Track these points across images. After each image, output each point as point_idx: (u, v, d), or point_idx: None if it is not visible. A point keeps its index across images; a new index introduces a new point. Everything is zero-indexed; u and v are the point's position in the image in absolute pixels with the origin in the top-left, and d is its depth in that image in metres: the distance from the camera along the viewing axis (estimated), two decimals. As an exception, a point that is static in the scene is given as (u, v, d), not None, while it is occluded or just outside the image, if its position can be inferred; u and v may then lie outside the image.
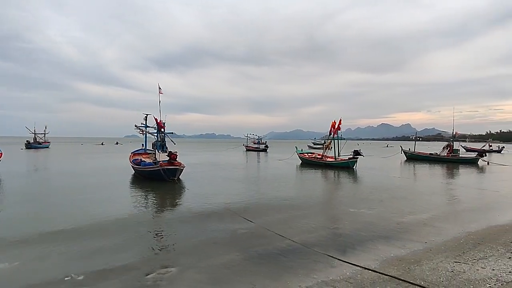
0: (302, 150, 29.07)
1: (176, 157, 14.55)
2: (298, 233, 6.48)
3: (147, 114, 18.05)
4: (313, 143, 76.82)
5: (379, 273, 4.30)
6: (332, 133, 23.38)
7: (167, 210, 9.02)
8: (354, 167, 21.26)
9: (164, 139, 16.38)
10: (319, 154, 25.59)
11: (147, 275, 4.40)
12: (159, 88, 16.68)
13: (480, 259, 4.78)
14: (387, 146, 33.29)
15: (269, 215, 8.15)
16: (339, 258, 4.97)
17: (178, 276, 4.38)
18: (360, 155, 21.95)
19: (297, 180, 16.69)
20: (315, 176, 18.17)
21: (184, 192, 11.92)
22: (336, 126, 23.19)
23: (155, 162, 14.87)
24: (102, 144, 74.99)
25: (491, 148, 50.61)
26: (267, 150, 47.66)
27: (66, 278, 4.30)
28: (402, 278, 4.04)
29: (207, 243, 5.88)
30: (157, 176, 13.98)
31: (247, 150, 50.63)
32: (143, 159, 16.66)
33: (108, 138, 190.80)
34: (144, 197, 10.75)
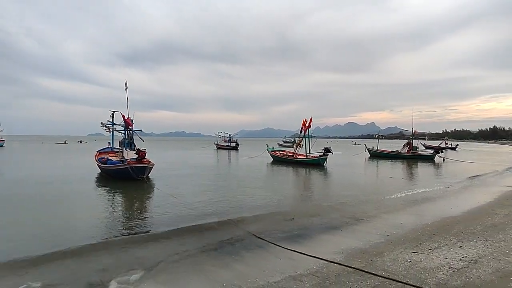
0: (273, 148, 29.43)
1: (145, 155, 14.20)
2: (266, 229, 6.58)
3: (113, 111, 17.36)
4: (283, 141, 77.95)
5: (344, 265, 4.48)
6: (303, 131, 23.91)
7: (136, 211, 8.75)
8: (324, 164, 21.94)
9: (132, 137, 15.86)
10: (290, 152, 26.06)
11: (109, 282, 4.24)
12: (126, 84, 16.07)
13: (435, 248, 5.15)
14: (354, 144, 34.77)
15: (239, 212, 8.21)
16: (306, 253, 5.11)
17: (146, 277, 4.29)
18: (330, 152, 22.70)
19: (268, 177, 16.90)
20: (286, 173, 18.55)
21: (153, 191, 11.62)
22: (307, 125, 23.75)
23: (123, 161, 14.35)
24: (65, 142, 70.75)
25: (447, 145, 54.38)
26: (238, 149, 47.64)
27: None
28: (365, 270, 4.25)
29: (177, 243, 5.79)
30: (125, 175, 13.52)
31: (218, 148, 50.29)
32: (109, 158, 16.00)
33: (72, 136, 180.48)
34: (111, 198, 10.34)
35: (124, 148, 15.37)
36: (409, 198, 10.61)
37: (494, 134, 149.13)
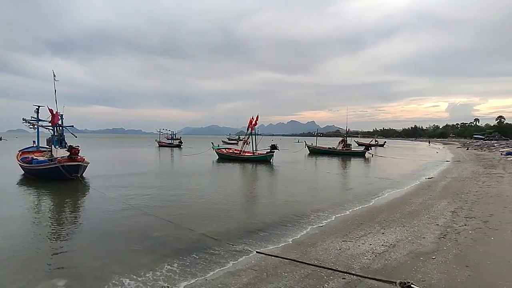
0: (218, 146, 29.37)
1: (78, 152, 13.00)
2: (207, 225, 6.55)
3: (39, 106, 15.45)
4: (228, 138, 78.01)
5: (281, 257, 4.68)
6: (250, 129, 24.25)
7: (70, 213, 7.93)
8: (271, 161, 22.59)
9: (63, 134, 14.36)
10: (236, 150, 26.24)
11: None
12: (54, 75, 14.40)
13: (361, 236, 5.67)
14: (298, 142, 36.44)
15: (180, 210, 8.01)
16: (245, 248, 5.22)
17: None
18: (276, 149, 23.47)
19: (213, 174, 16.76)
20: (233, 170, 18.63)
21: (88, 192, 10.69)
22: (253, 123, 24.13)
23: (51, 159, 12.92)
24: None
25: (377, 142, 59.99)
26: (182, 146, 46.29)
27: None
28: (299, 260, 4.49)
29: (117, 245, 5.42)
30: (55, 175, 12.24)
31: (160, 146, 48.15)
32: (35, 157, 14.26)
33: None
34: (36, 202, 9.21)
35: (53, 146, 13.87)
36: (341, 191, 11.48)
37: (415, 133, 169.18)
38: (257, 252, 5.03)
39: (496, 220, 6.18)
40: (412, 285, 3.43)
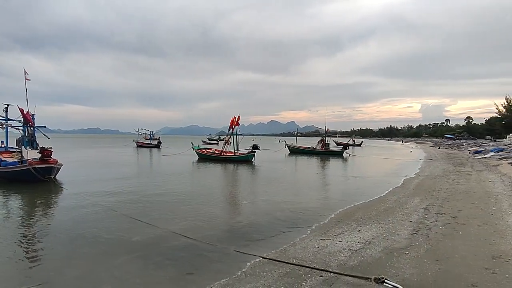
0: (198, 146, 29.09)
1: (51, 154, 12.47)
2: (186, 226, 6.45)
3: (7, 105, 14.72)
4: (208, 138, 77.38)
5: (259, 257, 4.70)
6: (231, 129, 24.15)
7: (41, 217, 7.55)
8: (252, 161, 22.59)
9: (34, 134, 13.73)
10: (217, 150, 26.06)
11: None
12: (25, 73, 13.69)
13: (339, 234, 5.79)
14: (279, 141, 36.74)
15: (164, 214, 7.83)
16: (223, 248, 5.20)
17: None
18: (258, 149, 23.51)
19: (194, 175, 16.62)
20: (214, 170, 18.53)
21: (61, 194, 10.25)
22: (235, 122, 24.04)
23: (22, 161, 12.30)
24: None
25: (354, 142, 61.53)
26: (161, 146, 45.39)
27: None
28: (278, 259, 4.53)
29: (97, 252, 5.22)
30: (25, 177, 11.68)
31: (138, 146, 46.94)
32: (3, 159, 13.53)
33: None
34: (5, 205, 8.73)
35: (23, 147, 13.23)
36: (320, 190, 11.68)
37: (390, 133, 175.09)
38: (235, 251, 5.03)
39: (464, 216, 6.51)
40: (386, 281, 3.55)
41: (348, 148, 35.13)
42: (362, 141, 68.31)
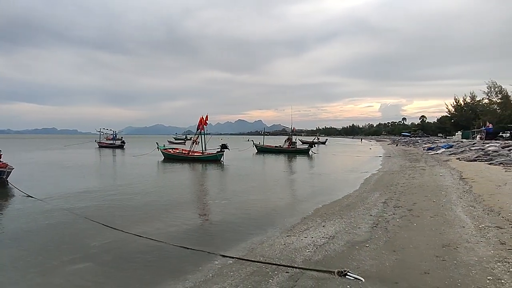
0: (164, 146, 28.33)
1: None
2: (149, 227, 6.25)
3: None
4: (174, 138, 75.61)
5: (227, 256, 4.70)
6: (200, 129, 23.79)
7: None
8: (221, 160, 22.45)
9: None
10: (184, 150, 25.58)
11: None
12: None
13: (304, 230, 5.95)
14: (248, 140, 36.98)
15: (127, 216, 7.50)
16: (189, 248, 5.12)
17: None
18: (227, 148, 23.38)
19: (161, 176, 16.18)
20: (182, 170, 18.18)
21: (12, 199, 9.43)
22: (203, 122, 23.73)
23: None
24: None
25: (319, 140, 63.44)
26: (124, 147, 43.50)
27: None
28: (246, 258, 4.55)
29: (53, 259, 4.86)
30: None
31: (100, 147, 44.55)
32: None
33: None
34: None
35: None
36: (287, 188, 11.92)
37: (353, 131, 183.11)
38: (201, 252, 4.97)
39: (418, 208, 6.99)
40: (348, 273, 3.71)
41: (314, 146, 36.17)
42: (327, 139, 70.62)
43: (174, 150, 26.35)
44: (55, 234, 6.17)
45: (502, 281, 3.37)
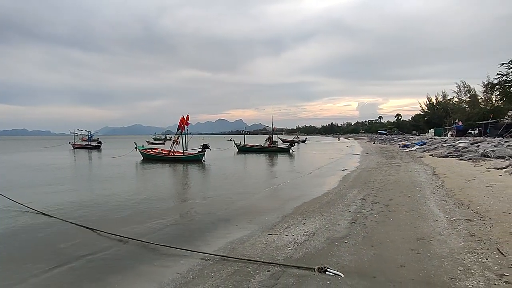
0: (143, 146, 27.73)
1: None
2: (126, 227, 6.08)
3: None
4: (153, 138, 74.13)
5: (209, 254, 4.65)
6: (181, 129, 23.46)
7: None
8: (203, 160, 22.23)
9: None
10: (164, 150, 25.19)
11: None
12: None
13: (285, 228, 5.99)
14: (230, 140, 36.89)
15: (104, 216, 7.30)
16: (168, 249, 5.04)
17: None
18: (208, 148, 23.19)
19: (140, 177, 15.85)
20: (162, 171, 17.89)
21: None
22: (185, 122, 23.41)
23: None
24: None
25: (299, 139, 64.26)
26: (101, 148, 42.13)
27: None
28: (226, 258, 4.53)
29: (21, 263, 4.62)
30: None
31: (75, 148, 42.89)
32: None
33: None
34: None
35: None
36: (268, 186, 11.95)
37: (332, 129, 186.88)
38: (182, 252, 4.90)
39: (395, 204, 7.22)
40: (328, 269, 3.78)
41: (294, 145, 36.55)
42: (306, 138, 71.66)
43: (153, 150, 25.84)
44: (24, 236, 5.88)
45: (472, 271, 3.54)
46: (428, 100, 68.67)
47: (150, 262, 4.70)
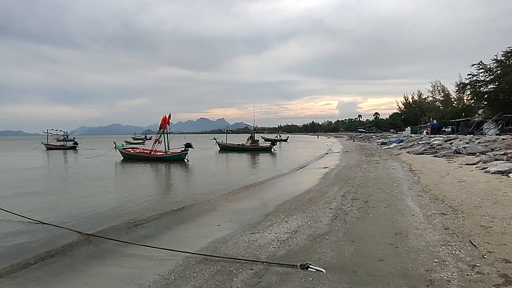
0: (123, 146, 27.19)
1: None
2: (102, 225, 5.93)
3: None
4: (132, 137, 72.53)
5: (191, 253, 4.59)
6: (163, 128, 23.08)
7: None
8: (185, 159, 22.00)
9: None
10: (145, 149, 24.80)
11: None
12: None
13: (268, 227, 6.01)
14: (213, 139, 36.66)
15: (83, 217, 7.01)
16: (149, 249, 4.94)
17: None
18: (191, 147, 22.98)
19: (120, 177, 15.50)
20: (144, 170, 17.58)
21: None
22: (167, 121, 23.07)
23: None
24: None
25: (281, 137, 64.73)
26: (77, 148, 40.69)
27: None
28: (209, 254, 4.49)
29: None
30: None
31: (49, 149, 41.15)
32: None
33: None
34: None
35: None
36: (252, 186, 11.98)
37: (313, 128, 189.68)
38: (163, 252, 4.81)
39: (374, 200, 7.41)
40: (310, 266, 3.83)
41: (276, 144, 36.79)
42: (288, 137, 72.34)
43: (134, 150, 25.32)
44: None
45: (446, 262, 3.69)
46: (405, 99, 71.18)
47: (129, 264, 4.59)
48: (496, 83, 32.76)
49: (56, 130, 47.97)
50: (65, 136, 45.83)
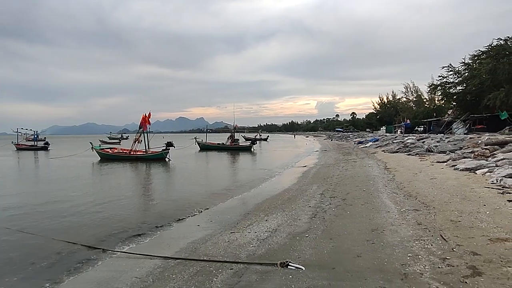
0: (100, 146, 26.36)
1: None
2: (78, 232, 5.70)
3: None
4: (108, 137, 70.28)
5: (170, 258, 4.51)
6: (143, 127, 22.55)
7: None
8: (166, 158, 21.66)
9: None
10: (124, 149, 24.17)
11: None
12: None
13: (248, 226, 6.01)
14: (194, 138, 36.11)
15: (55, 222, 6.70)
16: (126, 251, 4.81)
17: None
18: (172, 146, 22.72)
19: (96, 178, 15.05)
20: (123, 170, 17.21)
21: None
22: (147, 120, 22.56)
23: None
24: None
25: (261, 137, 64.97)
26: (49, 148, 38.84)
27: None
28: (189, 258, 4.43)
29: None
30: None
31: (19, 149, 38.97)
32: None
33: None
34: None
35: None
36: (230, 184, 11.95)
37: (292, 127, 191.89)
38: (141, 255, 4.70)
39: (351, 197, 7.59)
40: (290, 264, 3.86)
41: (256, 143, 36.89)
42: (268, 136, 72.73)
43: (112, 149, 24.51)
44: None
45: (419, 256, 3.84)
46: (380, 100, 73.46)
47: (106, 268, 4.44)
48: (464, 85, 34.52)
49: (26, 129, 45.61)
50: (35, 136, 43.65)
